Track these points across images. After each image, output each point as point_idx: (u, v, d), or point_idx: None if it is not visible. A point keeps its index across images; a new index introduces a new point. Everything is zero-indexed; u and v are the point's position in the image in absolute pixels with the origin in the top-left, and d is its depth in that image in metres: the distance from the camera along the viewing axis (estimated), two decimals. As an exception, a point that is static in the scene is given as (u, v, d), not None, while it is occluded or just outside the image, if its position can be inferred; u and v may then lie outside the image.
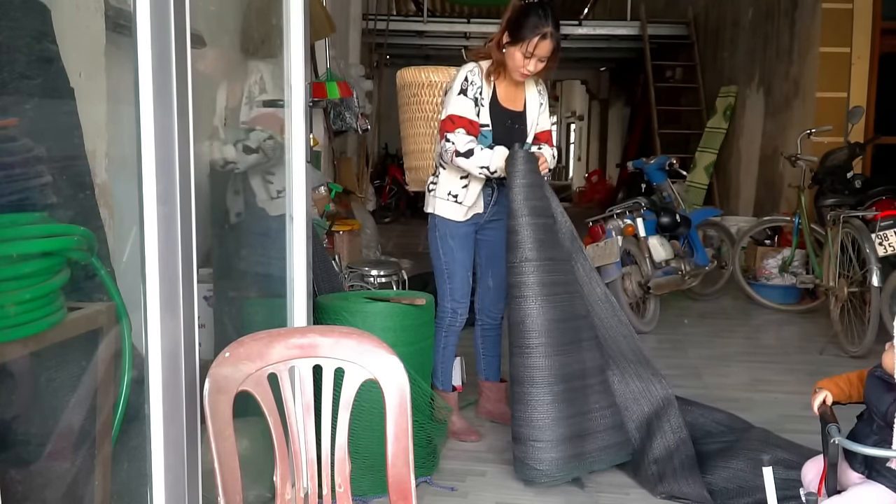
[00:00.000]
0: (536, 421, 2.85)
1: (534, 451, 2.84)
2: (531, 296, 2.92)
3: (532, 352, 2.89)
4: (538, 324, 2.90)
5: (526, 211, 2.98)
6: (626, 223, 5.34)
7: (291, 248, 2.46)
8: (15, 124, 1.70)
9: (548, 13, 3.07)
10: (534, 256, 2.95)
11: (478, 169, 3.13)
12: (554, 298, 2.95)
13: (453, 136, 3.12)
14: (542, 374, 2.87)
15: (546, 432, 2.84)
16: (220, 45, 3.24)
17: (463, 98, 3.17)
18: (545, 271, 2.95)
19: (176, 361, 1.60)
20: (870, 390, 2.01)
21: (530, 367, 2.88)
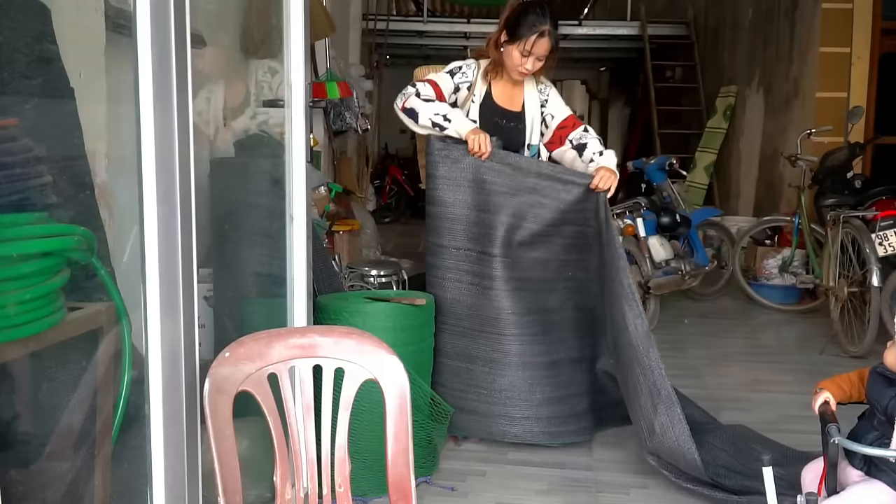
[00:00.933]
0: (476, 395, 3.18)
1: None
2: (449, 279, 3.19)
3: (445, 328, 3.20)
4: (446, 306, 3.19)
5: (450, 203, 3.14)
6: (626, 223, 5.34)
7: (291, 248, 2.46)
8: (15, 124, 1.70)
9: (546, 11, 3.07)
10: (453, 245, 3.16)
11: (431, 115, 3.08)
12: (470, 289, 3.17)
13: (421, 84, 3.16)
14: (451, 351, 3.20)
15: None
16: (220, 45, 3.24)
17: (447, 76, 3.22)
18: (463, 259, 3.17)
19: (176, 361, 1.60)
20: (872, 386, 2.02)
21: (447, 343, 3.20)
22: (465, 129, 3.06)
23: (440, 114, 3.07)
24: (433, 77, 3.21)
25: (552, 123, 3.32)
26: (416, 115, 3.11)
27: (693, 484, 2.78)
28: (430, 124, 3.09)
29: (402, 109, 3.14)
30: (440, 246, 3.20)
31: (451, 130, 3.08)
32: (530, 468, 3.10)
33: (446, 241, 3.18)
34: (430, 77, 3.21)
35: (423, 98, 3.11)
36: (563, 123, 3.31)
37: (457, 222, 3.16)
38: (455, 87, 3.21)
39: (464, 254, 3.17)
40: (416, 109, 3.09)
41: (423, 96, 3.12)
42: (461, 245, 3.17)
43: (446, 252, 3.19)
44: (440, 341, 3.21)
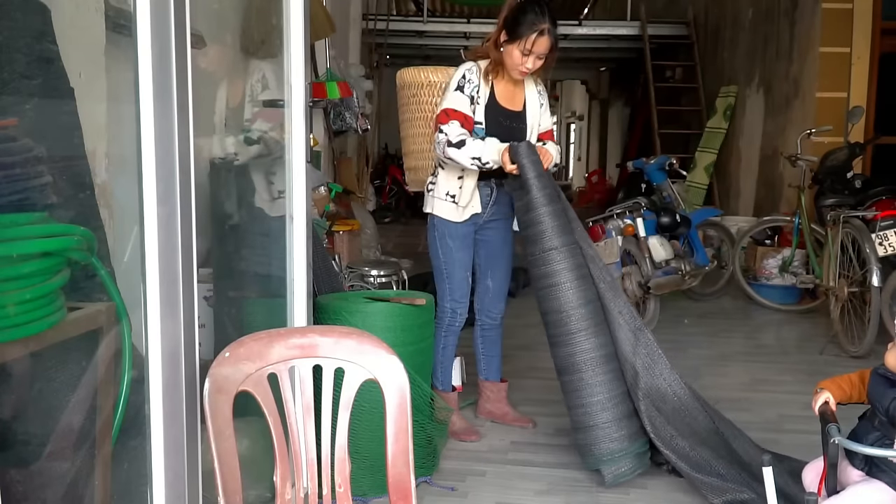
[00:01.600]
0: (596, 404, 2.88)
1: (602, 432, 2.87)
2: (564, 282, 2.93)
3: (575, 337, 2.91)
4: (577, 308, 2.92)
5: (544, 201, 2.98)
6: (626, 223, 5.34)
7: (291, 248, 2.46)
8: (15, 124, 1.70)
9: (544, 10, 3.08)
10: (559, 244, 2.95)
11: (469, 160, 3.10)
12: (583, 282, 2.96)
13: (446, 126, 3.13)
14: (590, 357, 2.90)
15: (608, 412, 2.87)
16: (221, 45, 3.24)
17: (459, 94, 3.18)
18: (571, 255, 2.96)
19: (176, 361, 1.60)
20: (873, 387, 2.02)
21: (578, 353, 2.90)
22: (496, 158, 3.08)
23: (475, 157, 3.09)
24: (449, 105, 3.15)
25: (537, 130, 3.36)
26: (458, 164, 3.15)
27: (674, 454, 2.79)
28: (473, 167, 3.14)
29: (447, 159, 3.16)
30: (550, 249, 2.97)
31: (490, 164, 3.11)
32: (530, 468, 3.10)
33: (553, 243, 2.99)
34: (446, 106, 3.15)
35: (456, 142, 3.09)
36: (543, 135, 3.36)
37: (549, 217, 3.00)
38: (470, 98, 3.19)
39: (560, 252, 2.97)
40: (456, 159, 3.12)
41: (454, 140, 3.09)
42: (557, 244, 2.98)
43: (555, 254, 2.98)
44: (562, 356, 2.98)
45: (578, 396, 2.91)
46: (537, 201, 2.97)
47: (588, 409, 2.88)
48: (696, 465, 2.79)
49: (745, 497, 2.68)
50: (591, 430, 2.88)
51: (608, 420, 2.87)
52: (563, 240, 2.96)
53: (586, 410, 2.89)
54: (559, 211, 3.01)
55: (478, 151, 3.09)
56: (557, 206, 3.01)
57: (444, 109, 3.17)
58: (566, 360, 2.93)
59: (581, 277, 2.96)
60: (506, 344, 3.68)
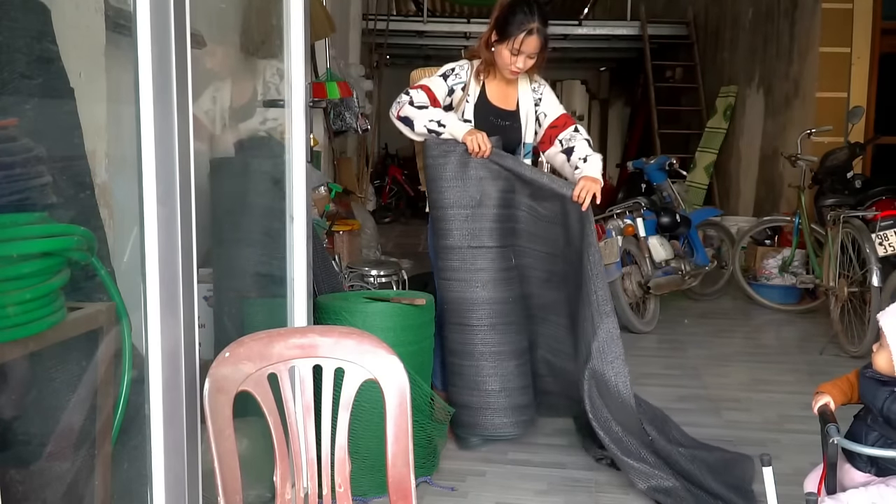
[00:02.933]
0: (490, 393, 3.18)
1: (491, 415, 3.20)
2: (459, 280, 3.19)
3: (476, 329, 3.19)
4: (487, 304, 3.17)
5: (453, 202, 3.14)
6: (626, 223, 5.34)
7: (291, 248, 2.46)
8: (15, 124, 1.70)
9: (534, 9, 3.08)
10: (462, 244, 3.16)
11: (426, 122, 3.10)
12: (488, 283, 3.18)
13: (414, 91, 3.18)
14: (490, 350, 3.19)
15: (501, 400, 3.20)
16: (222, 45, 3.24)
17: (440, 80, 3.24)
18: (474, 257, 3.17)
19: (176, 361, 1.60)
20: (864, 389, 2.02)
21: (479, 343, 3.19)
22: (460, 132, 3.07)
23: (434, 120, 3.09)
24: (426, 82, 3.22)
25: (545, 122, 3.34)
26: (411, 123, 3.13)
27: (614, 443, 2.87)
28: (426, 131, 3.12)
29: (398, 118, 3.17)
30: (449, 248, 3.20)
31: (446, 135, 3.10)
32: (530, 468, 3.10)
33: (454, 242, 3.18)
34: (423, 82, 3.22)
35: (417, 105, 3.13)
36: (554, 123, 3.33)
37: (461, 220, 3.17)
38: (449, 89, 3.22)
39: (468, 251, 3.18)
40: (411, 117, 3.12)
41: (416, 103, 3.13)
42: (465, 244, 3.18)
43: (455, 252, 3.19)
44: (451, 341, 3.27)
45: (461, 377, 3.22)
46: (442, 201, 3.15)
47: (477, 392, 3.19)
48: (626, 450, 2.85)
49: (669, 485, 2.73)
50: (475, 409, 3.20)
51: (499, 408, 3.19)
52: (469, 243, 3.16)
53: (474, 393, 3.19)
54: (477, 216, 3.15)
55: (441, 117, 3.10)
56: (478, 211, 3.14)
57: (419, 84, 3.22)
58: (464, 346, 3.21)
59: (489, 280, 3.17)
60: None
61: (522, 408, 3.26)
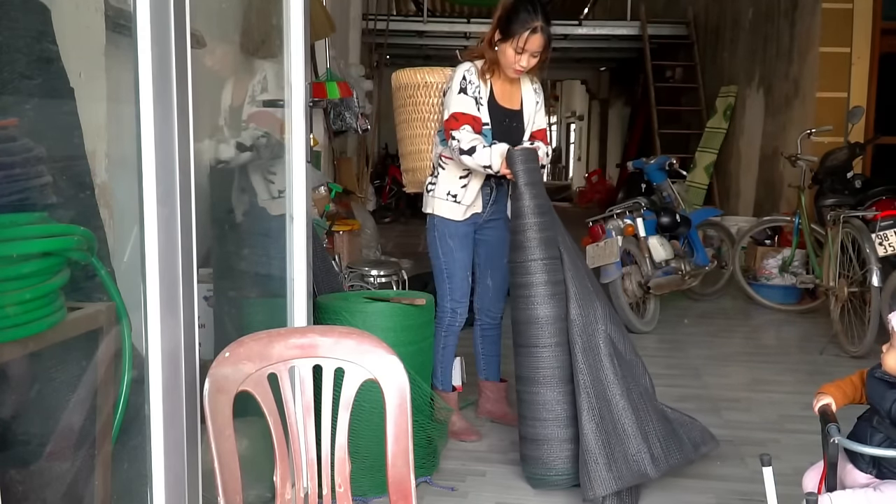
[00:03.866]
0: (552, 421, 2.86)
1: (551, 447, 2.85)
2: (540, 295, 2.89)
3: (543, 352, 2.88)
4: (549, 324, 2.88)
5: (533, 210, 2.95)
6: (626, 223, 5.34)
7: (291, 248, 2.46)
8: (15, 124, 1.70)
9: (537, 8, 3.09)
10: (540, 255, 2.92)
11: (481, 167, 3.13)
12: (558, 297, 2.92)
13: (458, 133, 3.13)
14: (553, 374, 2.87)
15: (561, 430, 2.86)
16: (220, 45, 3.24)
17: (464, 96, 3.18)
18: (550, 270, 2.93)
19: (176, 361, 1.60)
20: (871, 390, 2.01)
21: (541, 367, 2.88)
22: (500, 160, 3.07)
23: (484, 165, 3.10)
24: (457, 109, 3.15)
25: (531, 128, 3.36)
26: (471, 169, 3.18)
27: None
28: (486, 172, 3.15)
29: (461, 163, 3.17)
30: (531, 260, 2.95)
31: (498, 171, 3.10)
32: (530, 468, 3.09)
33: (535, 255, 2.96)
34: (455, 110, 3.15)
35: (467, 150, 3.10)
36: (536, 133, 3.36)
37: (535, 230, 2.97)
38: (475, 101, 3.20)
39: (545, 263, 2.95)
40: (470, 166, 3.15)
41: (465, 145, 3.10)
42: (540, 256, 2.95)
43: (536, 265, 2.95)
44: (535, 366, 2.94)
45: (533, 410, 2.89)
46: (526, 210, 2.95)
47: (541, 423, 2.87)
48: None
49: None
50: (542, 443, 2.87)
51: (560, 438, 2.86)
52: (546, 253, 2.93)
53: (539, 424, 2.87)
54: (547, 223, 2.98)
55: (486, 160, 3.09)
56: (546, 219, 2.98)
57: (452, 114, 3.16)
58: (529, 371, 2.90)
59: (557, 294, 2.92)
60: (505, 344, 3.67)
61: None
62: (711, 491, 2.90)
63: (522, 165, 3.00)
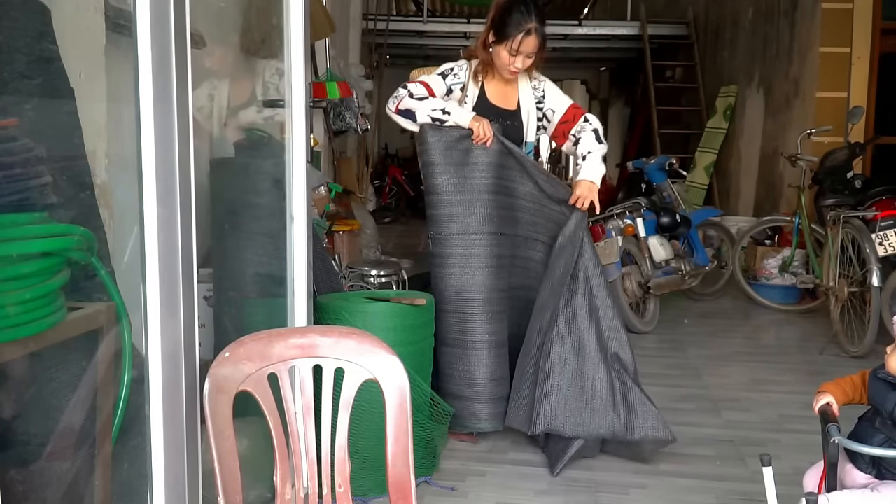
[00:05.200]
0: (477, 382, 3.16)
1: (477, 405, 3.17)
2: (454, 265, 3.16)
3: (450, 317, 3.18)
4: (457, 293, 3.16)
5: (449, 188, 3.12)
6: (626, 223, 5.34)
7: (291, 248, 2.46)
8: (15, 124, 1.70)
9: (531, 9, 3.08)
10: (456, 231, 3.14)
11: (429, 110, 3.09)
12: (483, 270, 3.15)
13: (413, 85, 3.17)
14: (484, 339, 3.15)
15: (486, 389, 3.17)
16: (220, 45, 3.24)
17: (439, 78, 3.23)
18: (469, 244, 3.15)
19: (176, 361, 1.60)
20: (874, 391, 2.00)
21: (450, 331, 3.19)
22: (466, 119, 3.08)
23: (438, 108, 3.09)
24: (424, 78, 3.21)
25: (554, 118, 3.34)
26: (412, 115, 3.13)
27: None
28: (430, 120, 3.11)
29: (397, 111, 3.15)
30: (445, 234, 3.17)
31: (451, 122, 3.09)
32: (530, 468, 3.10)
33: (450, 229, 3.16)
34: (422, 78, 3.21)
35: (417, 97, 3.12)
36: (564, 118, 3.33)
37: (456, 206, 3.15)
38: (448, 88, 3.22)
39: (458, 238, 3.16)
40: (413, 109, 3.11)
41: (416, 96, 3.13)
42: (458, 230, 3.16)
43: (451, 239, 3.17)
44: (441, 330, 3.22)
45: (456, 368, 3.18)
46: (437, 187, 3.13)
47: (469, 382, 3.16)
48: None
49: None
50: (467, 401, 3.17)
51: (485, 398, 3.16)
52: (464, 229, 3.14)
53: (466, 383, 3.17)
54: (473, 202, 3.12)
55: (444, 105, 3.10)
56: (475, 197, 3.11)
57: (417, 80, 3.21)
58: (447, 333, 3.19)
59: (483, 267, 3.15)
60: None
61: (502, 399, 3.22)
62: (711, 491, 2.90)
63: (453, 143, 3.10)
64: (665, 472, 3.06)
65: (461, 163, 3.12)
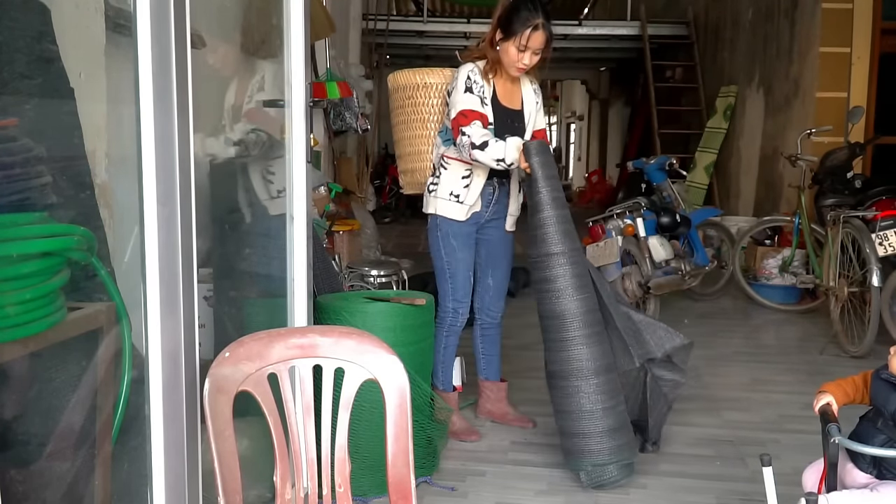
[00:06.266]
0: (586, 414, 2.86)
1: (588, 441, 2.86)
2: (566, 288, 2.90)
3: (572, 344, 2.88)
4: (577, 316, 2.89)
5: (551, 203, 2.95)
6: (626, 223, 5.34)
7: (291, 248, 2.46)
8: (15, 124, 1.70)
9: (537, 5, 3.11)
10: (563, 249, 2.92)
11: (494, 162, 3.10)
12: (584, 289, 2.93)
13: (468, 128, 3.11)
14: (585, 366, 2.87)
15: (597, 423, 2.86)
16: (220, 45, 3.24)
17: (470, 95, 3.18)
18: (574, 262, 2.93)
19: (176, 361, 1.60)
20: (876, 392, 2.00)
21: (574, 359, 2.88)
22: (516, 157, 3.05)
23: (498, 159, 3.07)
24: (464, 107, 3.13)
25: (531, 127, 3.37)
26: (484, 165, 3.15)
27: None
28: (498, 167, 3.12)
29: (473, 161, 3.15)
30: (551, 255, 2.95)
31: (513, 166, 3.09)
32: (530, 468, 3.10)
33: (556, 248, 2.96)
34: (462, 108, 3.13)
35: (479, 144, 3.07)
36: (536, 133, 3.37)
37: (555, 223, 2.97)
38: (480, 100, 3.20)
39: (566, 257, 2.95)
40: (481, 161, 3.11)
41: (476, 140, 3.07)
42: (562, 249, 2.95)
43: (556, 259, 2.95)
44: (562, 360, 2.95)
45: (569, 403, 2.89)
46: (544, 204, 2.94)
47: (577, 416, 2.87)
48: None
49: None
50: (579, 437, 2.87)
51: (595, 431, 2.85)
52: (568, 245, 2.93)
53: (575, 417, 2.88)
54: (566, 216, 2.98)
55: (500, 153, 3.07)
56: (564, 212, 2.98)
57: (460, 111, 3.15)
58: (561, 365, 2.91)
59: (583, 286, 2.93)
60: (505, 344, 3.68)
61: (620, 429, 2.93)
62: (711, 491, 2.90)
63: (540, 157, 2.99)
64: (665, 472, 3.06)
65: (552, 175, 3.00)
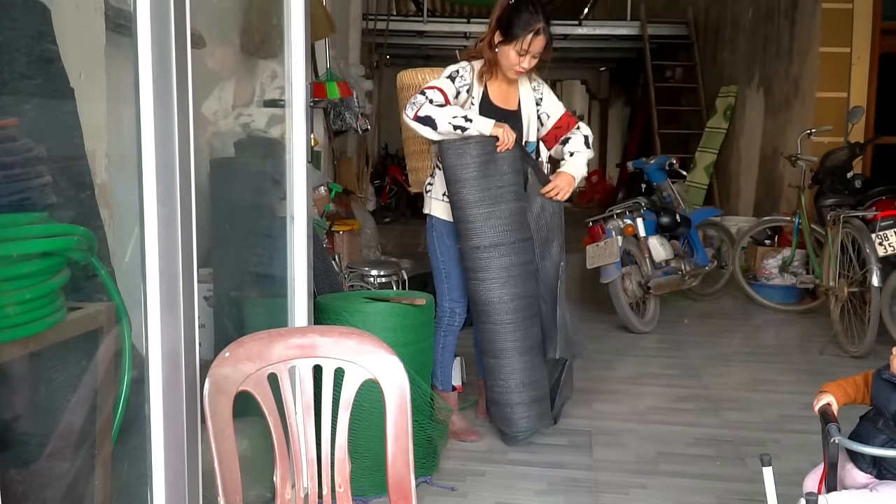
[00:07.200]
0: (512, 387, 3.20)
1: (514, 410, 3.22)
2: (491, 279, 3.14)
3: (500, 328, 3.17)
4: (504, 303, 3.15)
5: (479, 202, 3.11)
6: (626, 223, 5.34)
7: (291, 248, 2.46)
8: (15, 124, 1.70)
9: (538, 8, 3.07)
10: (489, 243, 3.12)
11: (449, 119, 3.03)
12: (513, 279, 3.16)
13: (430, 91, 3.12)
14: (511, 346, 3.18)
15: (521, 394, 3.21)
16: (221, 45, 3.24)
17: (448, 82, 3.19)
18: (501, 255, 3.14)
19: (176, 361, 1.60)
20: (877, 392, 2.00)
21: (500, 341, 3.19)
22: (488, 127, 3.05)
23: (459, 115, 3.03)
24: (437, 83, 3.15)
25: (548, 123, 3.35)
26: (432, 122, 3.04)
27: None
28: (451, 128, 3.04)
29: (416, 118, 3.06)
30: (478, 248, 3.14)
31: (473, 130, 3.04)
32: (530, 468, 3.10)
33: (482, 241, 3.13)
34: (434, 83, 3.15)
35: (437, 104, 3.08)
36: (558, 123, 3.36)
37: (483, 218, 3.13)
38: (456, 91, 3.19)
39: (496, 249, 3.15)
40: (433, 116, 3.03)
41: (435, 103, 3.08)
42: (496, 241, 3.14)
43: (485, 251, 3.14)
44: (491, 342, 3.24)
45: (495, 377, 3.23)
46: (468, 202, 3.10)
47: (504, 388, 3.22)
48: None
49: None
50: (505, 407, 3.23)
51: (520, 401, 3.21)
52: (495, 240, 3.13)
53: (502, 389, 3.22)
54: (495, 212, 3.12)
55: (465, 113, 3.06)
56: (497, 208, 3.12)
57: (432, 85, 3.17)
58: (489, 345, 3.22)
59: (511, 276, 3.16)
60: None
61: (539, 401, 3.28)
62: (711, 491, 2.90)
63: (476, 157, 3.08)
64: (665, 472, 3.06)
65: (486, 174, 3.09)
